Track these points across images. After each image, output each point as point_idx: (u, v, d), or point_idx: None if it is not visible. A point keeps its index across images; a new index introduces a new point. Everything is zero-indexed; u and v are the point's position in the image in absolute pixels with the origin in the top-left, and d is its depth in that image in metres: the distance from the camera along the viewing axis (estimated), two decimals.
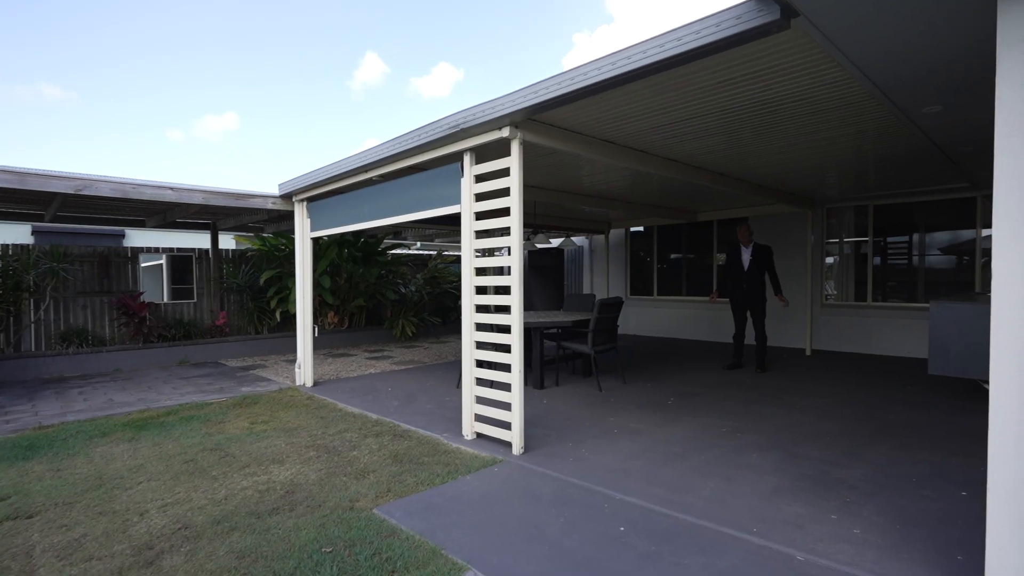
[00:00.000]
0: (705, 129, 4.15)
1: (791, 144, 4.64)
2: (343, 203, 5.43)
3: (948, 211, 7.54)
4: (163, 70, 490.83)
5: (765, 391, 5.52)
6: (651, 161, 4.93)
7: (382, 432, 4.31)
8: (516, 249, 3.63)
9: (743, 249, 6.68)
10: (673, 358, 7.81)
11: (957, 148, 4.75)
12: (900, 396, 5.20)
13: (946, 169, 5.80)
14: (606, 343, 5.93)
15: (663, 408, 4.89)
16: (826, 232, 8.47)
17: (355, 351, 9.13)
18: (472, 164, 3.94)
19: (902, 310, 7.75)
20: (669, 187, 6.95)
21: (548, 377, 6.22)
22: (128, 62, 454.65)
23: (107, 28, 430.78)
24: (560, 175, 5.97)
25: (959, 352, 4.40)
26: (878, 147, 4.79)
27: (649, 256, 10.75)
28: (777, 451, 3.67)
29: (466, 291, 4.02)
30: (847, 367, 6.90)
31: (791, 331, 8.62)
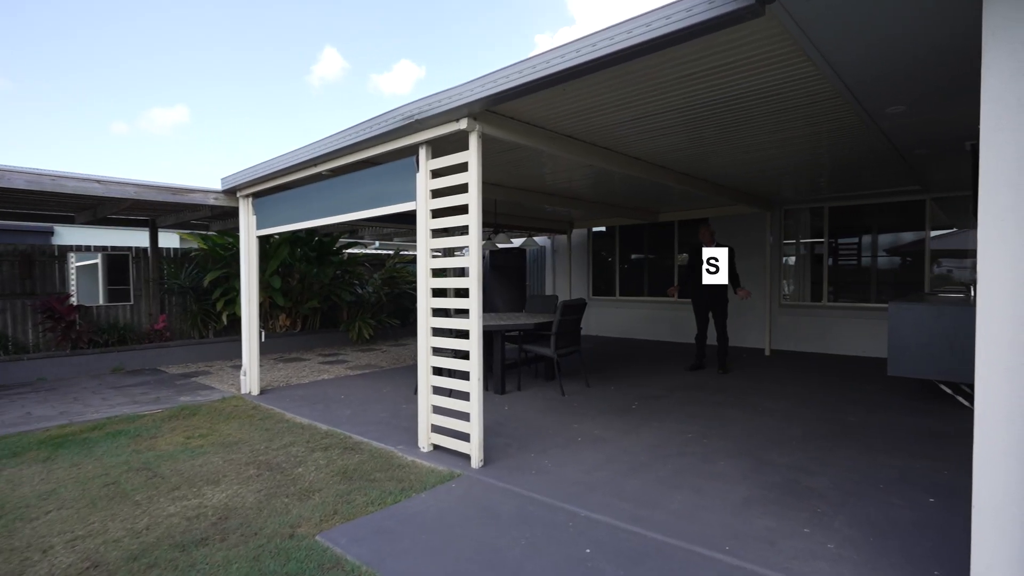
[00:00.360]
0: (670, 126, 4.03)
1: (755, 144, 4.58)
2: (291, 199, 5.08)
3: (899, 213, 7.73)
4: (107, 58, 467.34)
5: (728, 393, 5.47)
6: (615, 159, 4.79)
7: (332, 445, 4.01)
8: (475, 249, 3.41)
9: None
10: (636, 359, 7.74)
11: (914, 150, 4.80)
12: (857, 396, 5.23)
13: (900, 172, 5.90)
14: (569, 346, 5.77)
15: (628, 413, 4.76)
16: (783, 233, 8.58)
17: (308, 355, 8.71)
18: (428, 158, 3.70)
19: (856, 310, 7.91)
20: (632, 187, 6.86)
21: (510, 381, 6.02)
22: (67, 47, 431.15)
23: (40, 9, 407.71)
24: (522, 173, 5.78)
25: (917, 353, 4.43)
26: (839, 148, 4.79)
27: (611, 256, 10.70)
28: (745, 457, 3.57)
29: (422, 294, 3.78)
30: (805, 367, 6.96)
31: (750, 331, 8.69)
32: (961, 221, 7.38)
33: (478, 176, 3.38)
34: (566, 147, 4.23)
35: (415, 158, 3.75)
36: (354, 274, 10.28)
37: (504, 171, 5.64)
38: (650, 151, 4.79)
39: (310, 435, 4.29)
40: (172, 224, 8.00)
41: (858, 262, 8.14)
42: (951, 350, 4.28)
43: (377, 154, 4.03)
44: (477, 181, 3.38)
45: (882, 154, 5.01)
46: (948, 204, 7.39)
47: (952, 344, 4.27)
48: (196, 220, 7.90)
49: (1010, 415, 1.71)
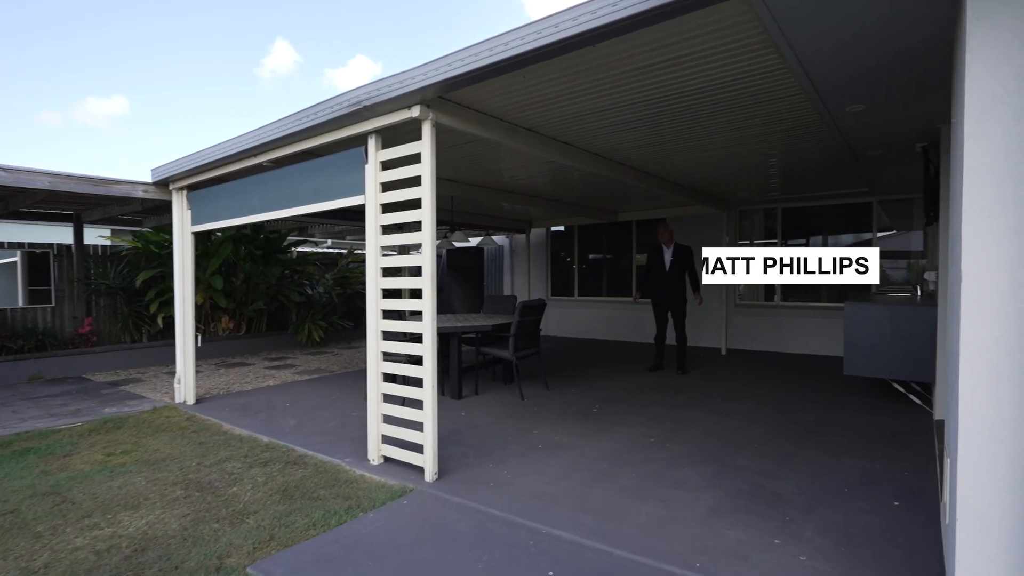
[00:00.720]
0: (632, 120, 3.90)
1: (715, 142, 4.52)
2: (229, 193, 4.69)
3: (847, 215, 7.93)
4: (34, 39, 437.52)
5: (689, 394, 5.41)
6: (575, 155, 4.64)
7: (272, 459, 3.69)
8: (428, 247, 3.17)
9: (664, 249, 6.60)
10: (595, 360, 7.65)
11: (867, 151, 4.85)
12: (814, 396, 5.27)
13: (852, 174, 6.00)
14: (528, 347, 5.59)
15: (589, 417, 4.61)
16: (739, 234, 8.68)
17: (254, 359, 8.22)
18: (378, 149, 3.43)
19: (807, 309, 8.07)
20: (591, 185, 6.75)
21: (467, 385, 5.79)
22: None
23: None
24: (480, 168, 5.56)
25: (873, 353, 4.47)
26: (797, 148, 4.79)
27: (570, 256, 10.61)
28: (709, 462, 3.47)
29: (371, 295, 3.51)
30: (761, 366, 7.03)
31: (707, 331, 8.76)
32: (902, 223, 7.63)
33: (432, 168, 3.14)
34: (525, 140, 4.04)
35: (364, 148, 3.47)
36: (304, 274, 9.80)
37: (461, 166, 5.41)
38: (611, 147, 4.67)
39: (249, 448, 3.94)
40: (100, 219, 7.37)
41: None
42: (905, 350, 4.33)
43: (322, 144, 3.73)
44: (431, 174, 3.14)
45: (837, 155, 5.05)
46: (891, 207, 7.62)
47: (906, 344, 4.32)
48: (127, 215, 7.31)
49: (995, 422, 1.62)
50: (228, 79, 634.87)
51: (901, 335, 4.34)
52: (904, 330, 4.33)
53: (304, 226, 9.52)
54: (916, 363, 4.30)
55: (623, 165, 5.35)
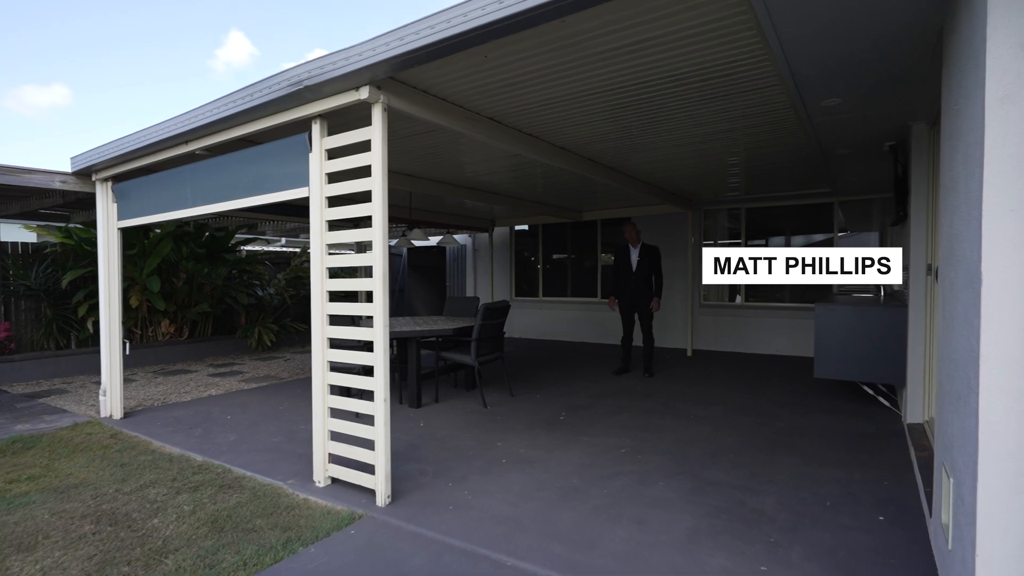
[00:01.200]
0: (600, 111, 3.67)
1: (684, 137, 4.34)
2: (160, 184, 4.23)
3: (810, 215, 7.97)
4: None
5: (657, 399, 5.23)
6: (541, 148, 4.38)
7: (205, 483, 3.29)
8: (379, 244, 2.85)
9: (631, 249, 6.43)
10: (561, 363, 7.43)
11: (836, 150, 4.77)
12: (782, 398, 5.17)
13: (818, 174, 5.96)
14: (492, 352, 5.31)
15: (555, 426, 4.36)
16: (703, 234, 8.62)
17: (197, 366, 7.65)
18: (323, 135, 3.08)
19: (771, 309, 8.06)
20: (556, 183, 6.51)
21: (427, 393, 5.46)
22: None
23: None
24: (440, 162, 5.24)
25: (843, 355, 4.37)
26: (767, 146, 4.67)
27: (534, 256, 10.38)
28: (684, 476, 3.26)
29: (316, 298, 3.15)
30: (727, 368, 6.94)
31: (672, 332, 8.67)
32: (860, 223, 7.70)
33: (383, 158, 2.82)
34: (488, 131, 3.76)
35: (307, 135, 3.12)
36: (253, 274, 9.23)
37: (420, 159, 5.08)
38: (578, 141, 4.43)
39: (179, 470, 3.52)
40: (17, 214, 6.69)
41: None
42: (875, 352, 4.25)
43: (262, 130, 3.35)
44: (382, 164, 2.82)
45: (806, 154, 4.97)
46: (849, 207, 7.69)
47: (876, 346, 4.24)
48: (49, 210, 6.66)
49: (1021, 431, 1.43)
50: (180, 71, 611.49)
51: (871, 337, 4.26)
52: (874, 332, 4.25)
53: (254, 223, 8.96)
54: (886, 365, 4.22)
55: (590, 160, 5.13)
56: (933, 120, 3.68)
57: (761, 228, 8.33)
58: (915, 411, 3.96)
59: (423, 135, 4.22)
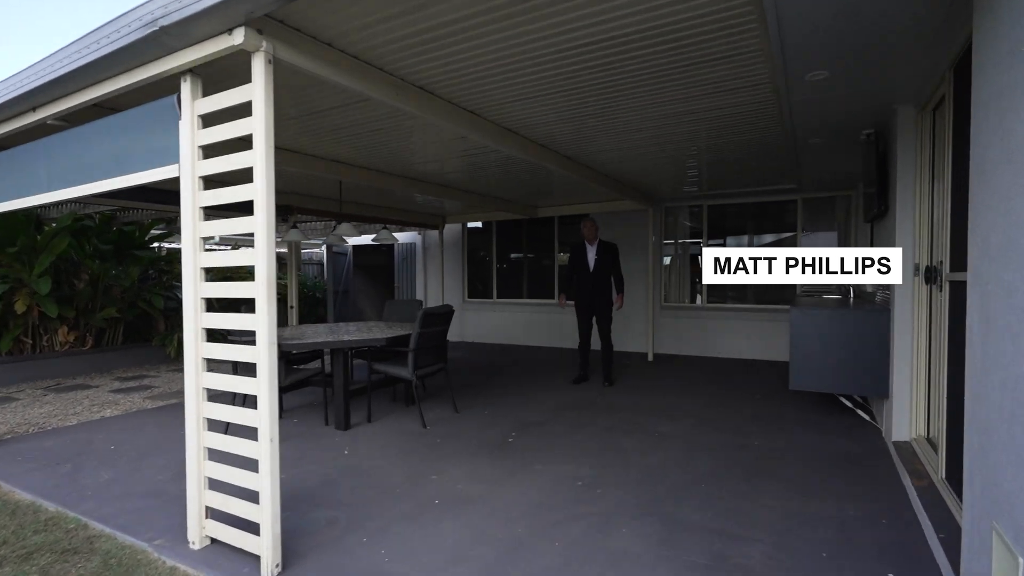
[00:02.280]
0: (551, 80, 3.09)
1: (646, 117, 3.82)
2: (7, 164, 3.41)
3: (773, 213, 7.66)
4: None
5: (619, 413, 4.71)
6: (485, 128, 3.78)
7: (45, 545, 2.54)
8: (263, 238, 2.18)
9: (588, 247, 5.90)
10: (515, 371, 6.84)
11: (810, 138, 4.36)
12: (753, 410, 4.74)
13: (786, 168, 5.59)
14: (433, 363, 4.67)
15: (504, 450, 3.77)
16: (664, 232, 8.21)
17: (101, 380, 6.68)
18: (196, 97, 2.38)
19: (732, 311, 7.72)
20: (509, 173, 5.93)
21: (357, 412, 4.77)
22: None
23: None
24: (376, 147, 4.57)
25: (822, 365, 3.94)
26: (736, 131, 4.21)
27: (488, 255, 9.77)
28: (653, 518, 2.72)
29: (189, 308, 2.45)
30: (690, 374, 6.52)
31: (633, 335, 8.22)
32: (819, 222, 7.43)
33: (267, 125, 2.15)
34: (420, 104, 3.13)
35: (176, 96, 2.41)
36: (173, 274, 8.27)
37: (349, 143, 4.39)
38: (526, 120, 3.85)
39: (18, 527, 2.75)
40: None
41: None
42: (856, 361, 3.84)
43: (121, 90, 2.60)
44: (265, 132, 2.15)
45: (776, 143, 4.55)
46: (811, 205, 7.41)
47: (857, 355, 3.83)
48: None
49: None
50: None
51: (852, 345, 3.84)
52: (855, 339, 3.84)
53: (173, 216, 8.01)
54: (868, 376, 3.82)
55: (543, 147, 4.55)
56: (923, 102, 3.27)
57: (722, 226, 7.98)
58: (901, 427, 3.56)
59: (344, 109, 3.55)
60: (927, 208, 3.41)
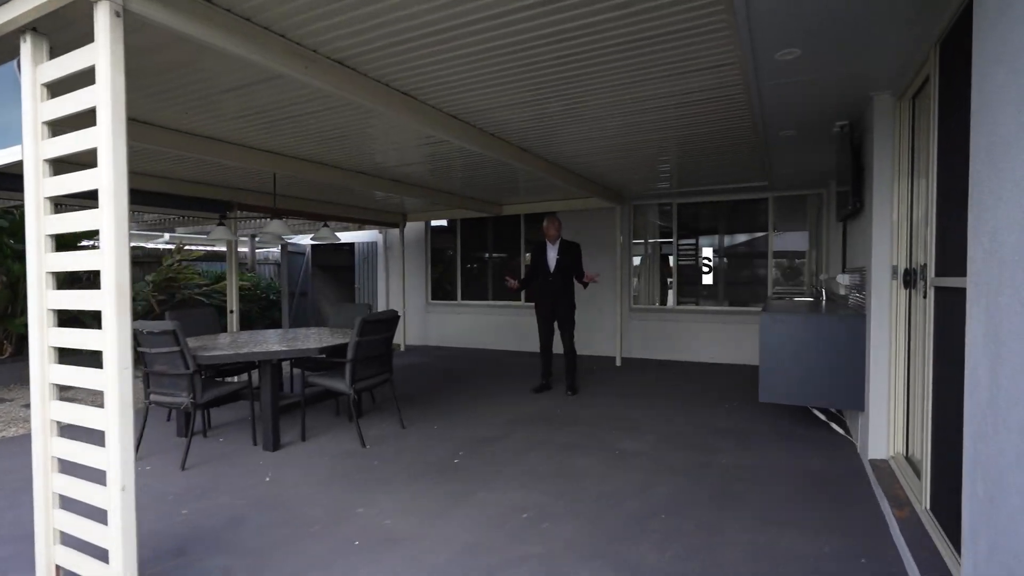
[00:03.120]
0: (503, 63, 2.71)
1: (610, 104, 3.47)
2: None
3: (744, 212, 7.42)
4: None
5: (580, 428, 4.36)
6: (428, 116, 3.37)
7: None
8: (112, 237, 1.75)
9: (549, 247, 5.54)
10: (474, 378, 6.44)
11: (781, 130, 4.07)
12: (722, 424, 4.43)
13: (756, 163, 5.31)
14: (375, 374, 4.24)
15: (446, 475, 3.37)
16: (632, 232, 7.90)
17: (19, 393, 6.08)
18: (40, 60, 1.93)
19: (703, 314, 7.45)
20: (472, 168, 5.53)
21: (292, 429, 4.32)
22: None
23: None
24: (312, 135, 4.12)
25: (793, 375, 3.64)
26: (703, 122, 3.90)
27: (452, 255, 9.34)
28: (605, 561, 2.35)
29: (34, 323, 2.00)
30: (660, 380, 6.21)
31: (601, 338, 7.90)
32: (791, 222, 7.21)
33: (115, 92, 1.71)
34: (338, 82, 2.71)
35: (16, 61, 1.96)
36: None
37: (277, 127, 3.94)
38: (470, 106, 3.46)
39: None
40: None
41: (693, 263, 7.72)
42: (830, 372, 3.54)
43: None
44: (113, 103, 1.71)
45: (745, 136, 4.26)
46: (782, 204, 7.19)
47: (832, 365, 3.53)
48: None
49: None
50: None
51: (827, 354, 3.55)
52: (830, 348, 3.54)
53: None
54: (842, 388, 3.53)
55: (493, 136, 4.17)
56: (902, 89, 2.98)
57: (693, 226, 7.71)
58: (878, 444, 3.27)
59: (253, 88, 3.10)
60: (906, 205, 3.12)
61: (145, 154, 4.53)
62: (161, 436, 4.23)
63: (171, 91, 3.12)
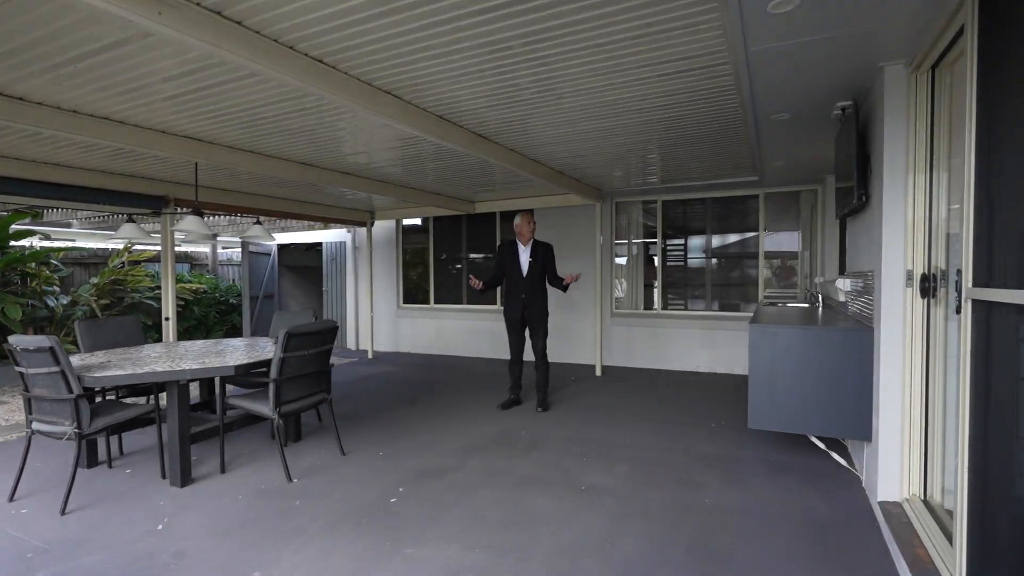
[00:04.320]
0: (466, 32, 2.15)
1: (587, 62, 2.93)
2: None
3: (734, 210, 6.91)
4: None
5: (544, 454, 3.81)
6: (349, 88, 2.81)
7: None
8: None
9: (520, 248, 5.00)
10: (440, 390, 5.88)
11: (772, 113, 3.54)
12: (707, 449, 3.91)
13: (745, 153, 4.79)
14: (307, 395, 3.68)
15: (375, 520, 2.82)
16: (615, 231, 7.37)
17: None
18: None
19: (690, 319, 6.93)
20: (441, 159, 4.97)
21: (211, 459, 3.74)
22: None
23: None
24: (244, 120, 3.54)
25: (788, 398, 3.11)
26: (688, 102, 3.37)
27: (425, 255, 8.77)
28: None
29: None
30: (642, 393, 5.68)
31: (581, 345, 7.37)
32: (781, 221, 6.71)
33: None
34: (249, 51, 2.14)
35: None
36: (41, 277, 7.02)
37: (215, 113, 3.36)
38: (446, 98, 2.90)
39: None
40: None
41: (685, 264, 7.21)
42: (831, 394, 3.02)
43: None
44: None
45: (735, 119, 3.73)
46: (774, 201, 6.68)
47: (832, 386, 3.01)
48: None
49: None
50: None
51: (826, 373, 3.03)
52: (830, 365, 3.02)
53: (38, 210, 6.77)
54: (846, 414, 3.00)
55: (481, 137, 3.61)
56: (919, 58, 2.46)
57: (680, 225, 7.19)
58: (889, 484, 2.75)
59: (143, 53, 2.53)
60: (923, 198, 2.61)
61: (56, 142, 3.94)
62: (60, 468, 3.64)
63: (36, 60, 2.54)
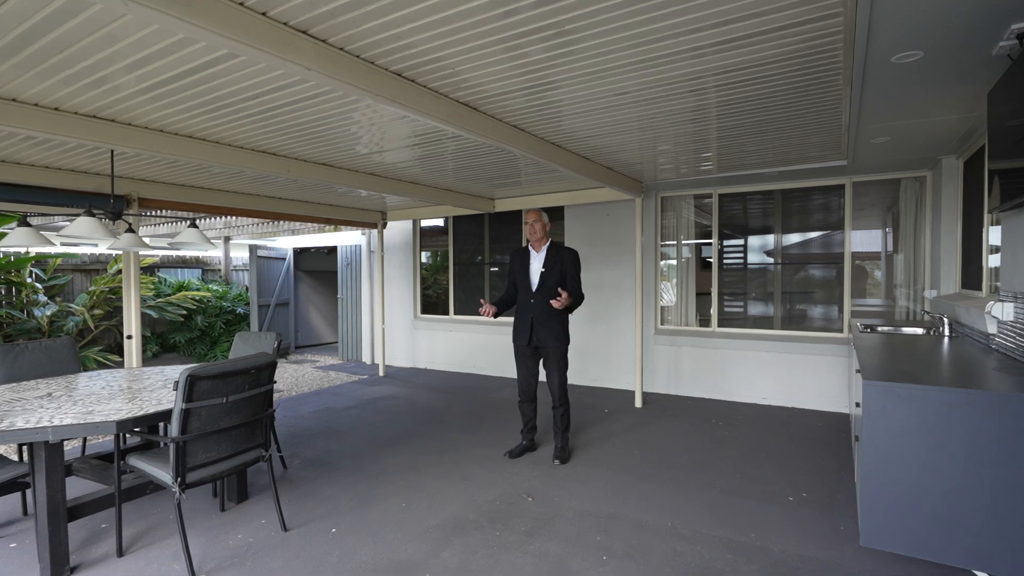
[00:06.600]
0: None
1: (636, 57, 1.87)
2: None
3: (810, 204, 5.60)
4: None
5: (550, 543, 2.75)
6: (336, 62, 1.86)
7: None
8: None
9: (532, 254, 3.96)
10: (444, 425, 4.89)
11: (894, 54, 2.35)
12: (782, 547, 2.75)
13: (833, 127, 3.56)
14: (229, 456, 2.77)
15: None
16: (661, 232, 6.19)
17: None
18: None
19: (753, 340, 5.66)
20: (454, 148, 4.00)
21: (105, 536, 2.90)
22: None
23: None
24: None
25: (921, 503, 1.93)
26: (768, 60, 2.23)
27: (444, 260, 7.85)
28: None
29: None
30: (691, 437, 4.50)
31: (617, 369, 6.23)
32: (866, 219, 5.34)
33: None
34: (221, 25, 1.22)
35: None
36: (27, 287, 6.54)
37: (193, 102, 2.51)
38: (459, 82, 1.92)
39: None
40: None
41: (745, 269, 5.93)
42: (1003, 502, 1.82)
43: None
44: None
45: (828, 73, 2.56)
46: (864, 192, 5.33)
47: (1005, 488, 1.81)
48: None
49: None
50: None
51: (994, 466, 1.83)
52: (1004, 453, 1.82)
53: (24, 214, 6.26)
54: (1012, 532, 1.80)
55: (513, 126, 2.62)
56: None
57: (740, 223, 5.92)
58: None
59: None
60: None
61: None
62: None
63: None
